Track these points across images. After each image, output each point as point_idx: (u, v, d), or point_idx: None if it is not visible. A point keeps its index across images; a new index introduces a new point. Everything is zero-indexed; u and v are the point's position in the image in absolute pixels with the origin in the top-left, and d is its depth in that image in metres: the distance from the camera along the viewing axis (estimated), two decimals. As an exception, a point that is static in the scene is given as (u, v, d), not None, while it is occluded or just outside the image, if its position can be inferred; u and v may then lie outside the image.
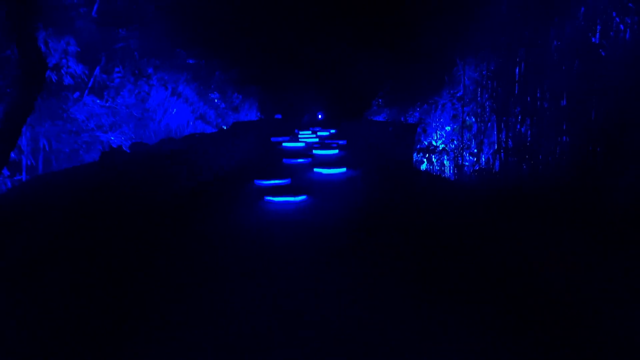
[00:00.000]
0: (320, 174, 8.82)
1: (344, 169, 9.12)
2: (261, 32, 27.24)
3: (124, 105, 11.89)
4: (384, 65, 22.07)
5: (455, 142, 11.40)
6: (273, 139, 13.32)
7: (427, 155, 10.92)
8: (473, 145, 10.75)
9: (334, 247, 4.71)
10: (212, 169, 10.13)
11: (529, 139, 8.89)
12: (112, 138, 10.84)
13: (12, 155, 8.99)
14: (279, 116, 29.06)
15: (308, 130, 22.24)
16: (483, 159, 10.17)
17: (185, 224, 5.46)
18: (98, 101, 10.97)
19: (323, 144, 12.19)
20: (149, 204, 6.14)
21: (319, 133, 17.82)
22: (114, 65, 12.08)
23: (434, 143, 12.01)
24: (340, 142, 13.80)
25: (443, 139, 12.02)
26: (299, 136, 15.19)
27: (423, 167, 11.68)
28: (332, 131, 21.71)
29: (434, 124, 12.75)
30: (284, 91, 30.00)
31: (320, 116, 32.89)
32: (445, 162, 10.98)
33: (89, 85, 11.24)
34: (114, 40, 12.21)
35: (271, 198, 6.77)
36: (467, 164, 10.61)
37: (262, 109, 27.26)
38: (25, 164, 9.41)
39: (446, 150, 11.10)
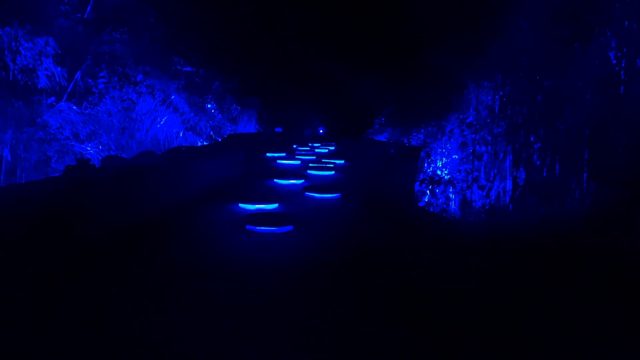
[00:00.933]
0: (313, 198, 7.91)
1: (338, 195, 8.05)
2: (265, 44, 26.42)
3: (105, 113, 10.87)
4: (388, 82, 21.14)
5: (462, 172, 10.26)
6: (268, 155, 12.54)
7: (430, 186, 9.76)
8: (482, 177, 9.63)
9: (310, 295, 3.66)
10: (193, 188, 9.07)
11: (553, 175, 7.85)
12: (89, 148, 9.80)
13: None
14: (279, 129, 28.07)
15: (307, 146, 21.25)
16: (494, 195, 9.04)
17: (137, 256, 4.39)
18: (75, 108, 9.95)
19: (320, 163, 11.43)
20: (106, 229, 5.11)
21: (317, 150, 16.74)
22: (98, 70, 11.08)
23: (438, 172, 10.87)
24: (338, 162, 12.74)
25: (449, 168, 10.88)
26: (296, 152, 13.94)
27: (426, 199, 10.52)
28: (332, 148, 20.82)
29: (439, 150, 11.67)
30: (286, 104, 29.06)
31: (321, 131, 31.94)
32: (450, 195, 9.79)
33: (68, 90, 10.23)
34: (100, 43, 11.22)
35: (253, 227, 5.70)
36: (475, 199, 9.45)
37: (261, 122, 26.29)
38: (-15, 174, 8.38)
39: (452, 181, 9.95)
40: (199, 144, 13.61)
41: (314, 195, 8.08)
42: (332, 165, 11.86)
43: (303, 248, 5.11)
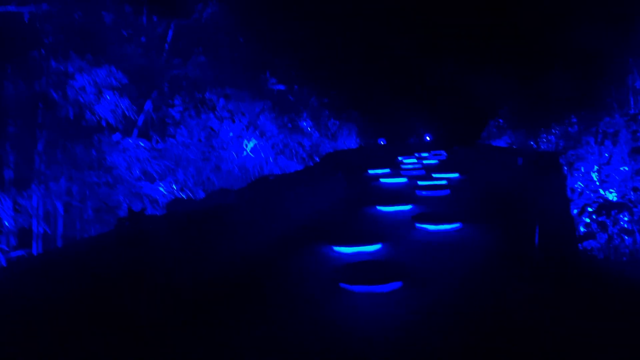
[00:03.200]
0: (425, 231, 6.14)
1: (458, 225, 6.20)
2: (361, 50, 24.51)
3: (181, 145, 9.36)
4: (505, 77, 18.16)
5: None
6: (370, 172, 10.88)
7: (597, 216, 6.76)
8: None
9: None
10: (280, 227, 7.21)
11: None
12: (161, 188, 8.29)
13: (20, 220, 6.64)
14: (382, 140, 26.12)
15: (413, 156, 18.66)
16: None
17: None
18: (143, 143, 8.51)
19: (429, 179, 9.64)
20: (168, 295, 3.57)
21: (425, 161, 13.91)
22: (172, 98, 9.65)
23: (601, 192, 7.81)
24: (451, 176, 10.25)
25: (614, 185, 7.77)
26: (402, 166, 12.08)
27: (582, 227, 7.51)
28: (441, 157, 18.16)
29: (590, 157, 8.79)
30: (388, 113, 26.94)
31: (428, 138, 29.46)
32: (625, 225, 6.66)
33: (139, 123, 8.84)
34: (173, 68, 9.79)
35: (348, 285, 4.09)
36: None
37: (362, 135, 24.33)
38: (37, 232, 7.03)
39: (626, 205, 6.91)
40: (292, 169, 11.87)
41: (426, 228, 6.24)
42: (445, 183, 9.45)
43: (413, 321, 3.46)
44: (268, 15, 16.64)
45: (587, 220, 6.23)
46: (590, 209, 5.92)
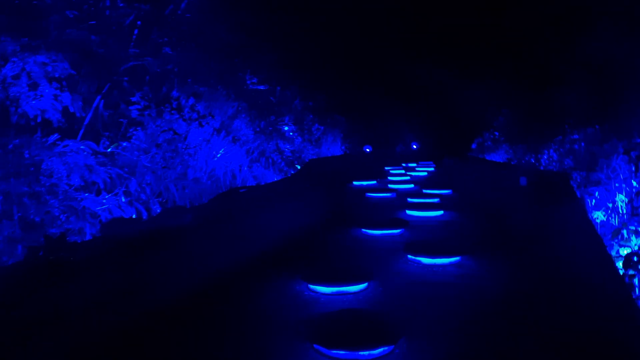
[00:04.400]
0: (420, 265, 5.22)
1: (457, 259, 5.29)
2: (348, 53, 23.28)
3: (138, 150, 7.87)
4: (500, 85, 16.86)
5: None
6: (355, 184, 10.28)
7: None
8: None
9: None
10: (245, 253, 5.95)
11: None
12: (104, 202, 6.79)
13: None
14: (368, 148, 24.92)
15: (400, 167, 17.40)
16: None
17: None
18: (87, 148, 7.01)
19: (420, 196, 9.01)
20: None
21: (413, 173, 13.36)
22: (125, 94, 8.16)
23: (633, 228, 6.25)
24: (443, 192, 9.53)
25: None
26: (389, 178, 11.51)
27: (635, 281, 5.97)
28: (430, 169, 16.92)
29: (612, 184, 7.37)
30: (374, 120, 25.78)
31: (414, 146, 28.38)
32: None
33: (85, 122, 7.34)
34: (130, 58, 8.29)
35: (325, 349, 3.11)
36: None
37: (347, 141, 22.98)
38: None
39: None
40: (268, 179, 10.43)
41: (420, 261, 5.33)
42: (437, 201, 8.69)
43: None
44: (251, 11, 15.24)
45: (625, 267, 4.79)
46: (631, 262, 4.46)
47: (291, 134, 16.28)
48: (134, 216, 7.03)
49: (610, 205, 6.95)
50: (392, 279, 4.67)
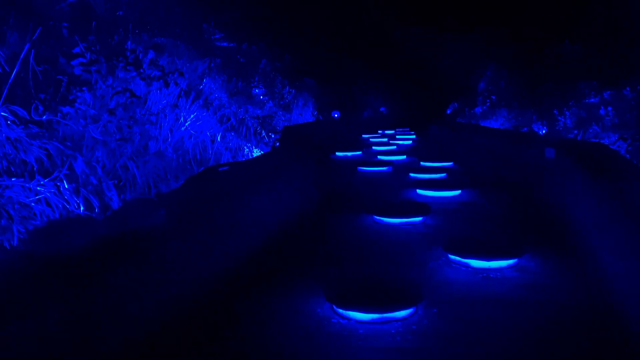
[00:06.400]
0: (469, 269, 3.96)
1: (514, 260, 4.06)
2: (313, 13, 21.34)
3: (84, 118, 5.86)
4: (484, 36, 15.13)
5: None
6: (339, 155, 9.71)
7: None
8: None
9: None
10: (228, 257, 4.33)
11: None
12: (40, 189, 4.81)
13: None
14: (336, 113, 23.28)
15: (377, 134, 16.03)
16: None
17: None
18: (13, 116, 4.97)
19: (421, 169, 8.17)
20: None
21: (399, 142, 12.63)
22: (64, 45, 6.08)
23: None
24: (447, 165, 8.81)
25: None
26: (373, 147, 10.91)
27: None
28: (412, 136, 15.61)
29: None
30: (342, 83, 24.04)
31: (383, 111, 26.98)
32: None
33: (9, 82, 5.25)
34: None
35: None
36: None
37: (319, 106, 21.14)
38: None
39: None
40: (244, 153, 8.53)
41: (469, 264, 4.03)
42: (445, 177, 7.85)
43: None
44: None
45: None
46: None
47: (261, 97, 14.30)
48: (81, 209, 5.08)
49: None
50: (442, 294, 3.57)
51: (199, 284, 3.78)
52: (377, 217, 5.83)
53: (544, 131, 9.44)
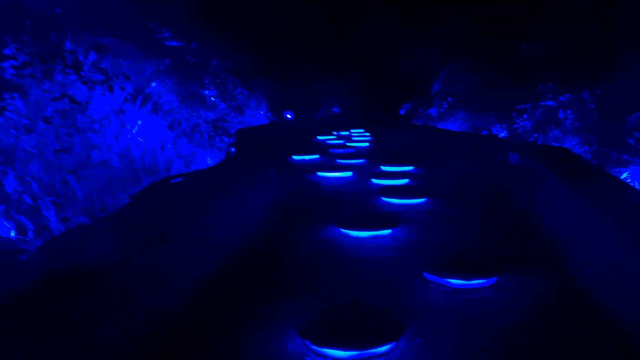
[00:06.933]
0: (447, 289, 3.73)
1: (493, 278, 3.79)
2: (265, 10, 20.77)
3: (15, 128, 5.17)
4: (442, 37, 14.86)
5: None
6: (296, 158, 8.94)
7: None
8: None
9: None
10: (183, 289, 3.66)
11: None
12: None
13: None
14: (289, 114, 22.81)
15: (333, 135, 15.62)
16: None
17: None
18: None
19: (383, 174, 7.68)
20: None
21: (356, 144, 11.97)
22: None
23: None
24: (408, 169, 8.09)
25: None
26: (331, 150, 10.13)
27: None
28: (368, 137, 15.39)
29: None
30: (294, 83, 23.58)
31: (336, 111, 26.72)
32: None
33: None
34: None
35: None
36: None
37: (271, 107, 20.65)
38: None
39: None
40: (198, 163, 7.92)
41: (449, 283, 3.86)
42: (408, 183, 7.30)
43: None
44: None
45: None
46: None
47: (213, 99, 13.67)
48: (12, 234, 4.42)
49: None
50: (424, 320, 3.26)
51: (150, 327, 3.26)
52: (344, 230, 5.41)
53: (503, 134, 9.31)
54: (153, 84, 7.92)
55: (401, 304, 3.56)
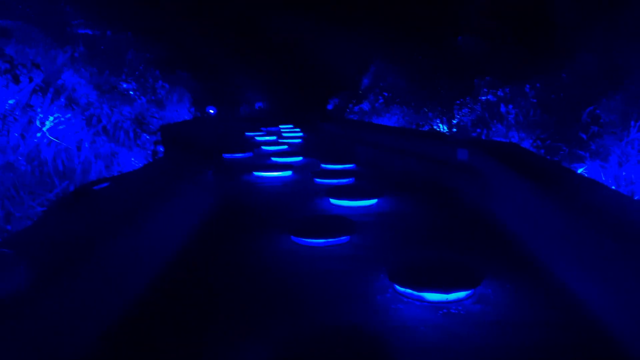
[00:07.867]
0: (422, 304, 3.30)
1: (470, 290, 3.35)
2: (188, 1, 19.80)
3: None
4: (371, 30, 14.52)
5: None
6: (227, 157, 8.61)
7: None
8: None
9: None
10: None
11: None
12: None
13: None
14: (212, 109, 21.91)
15: (262, 132, 15.12)
16: None
17: None
18: None
19: (325, 173, 7.36)
20: None
21: (289, 141, 11.71)
22: None
23: None
24: (349, 167, 8.05)
25: None
26: (263, 147, 10.11)
27: None
28: (299, 133, 14.88)
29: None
30: (217, 77, 22.70)
31: (259, 106, 26.07)
32: None
33: None
34: None
35: None
36: None
37: (194, 102, 19.62)
38: None
39: None
40: (126, 159, 7.00)
41: (422, 297, 3.45)
42: (353, 182, 7.20)
43: None
44: None
45: None
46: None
47: (132, 93, 12.57)
48: None
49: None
50: (402, 343, 2.82)
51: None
52: (296, 238, 4.80)
53: (443, 130, 9.07)
54: (66, 75, 6.92)
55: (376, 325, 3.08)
